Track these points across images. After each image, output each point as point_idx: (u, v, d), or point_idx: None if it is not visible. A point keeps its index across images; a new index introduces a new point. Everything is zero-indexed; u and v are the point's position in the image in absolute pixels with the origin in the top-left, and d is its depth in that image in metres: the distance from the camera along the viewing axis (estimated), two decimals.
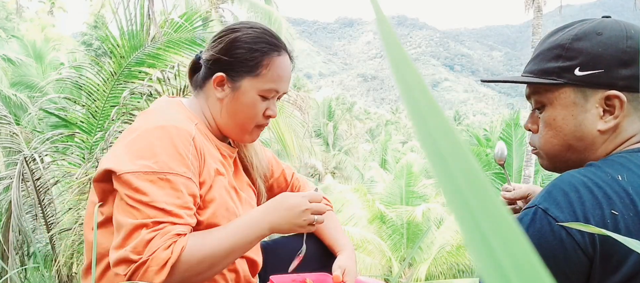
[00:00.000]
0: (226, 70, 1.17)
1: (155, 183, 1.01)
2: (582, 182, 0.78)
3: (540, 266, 0.15)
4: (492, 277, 0.15)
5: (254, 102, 1.18)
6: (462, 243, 9.64)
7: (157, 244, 0.97)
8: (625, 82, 0.83)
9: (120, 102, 3.50)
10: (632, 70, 0.82)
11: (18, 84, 11.04)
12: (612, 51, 0.83)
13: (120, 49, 3.70)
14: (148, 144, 1.05)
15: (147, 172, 1.02)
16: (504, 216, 0.16)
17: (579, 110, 0.86)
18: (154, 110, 1.18)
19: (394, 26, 0.17)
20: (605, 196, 0.76)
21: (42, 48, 13.87)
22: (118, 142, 1.12)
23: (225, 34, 1.20)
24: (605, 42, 0.84)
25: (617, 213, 0.75)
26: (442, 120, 0.17)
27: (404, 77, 0.18)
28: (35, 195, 3.60)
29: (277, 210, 1.12)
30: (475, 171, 0.16)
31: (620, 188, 0.76)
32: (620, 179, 0.77)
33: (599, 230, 0.40)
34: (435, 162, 0.16)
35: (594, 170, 0.80)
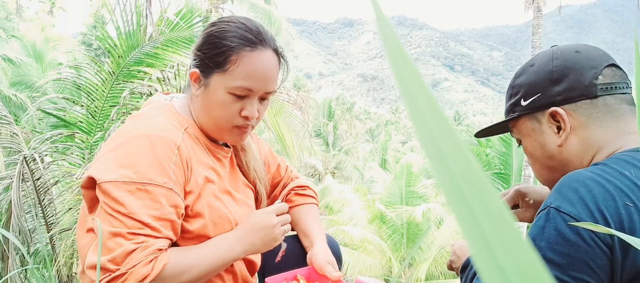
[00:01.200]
0: (199, 65, 1.13)
1: (133, 194, 0.99)
2: (590, 178, 0.80)
3: (540, 265, 0.15)
4: (493, 277, 0.15)
5: (224, 100, 1.11)
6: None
7: (138, 258, 0.96)
8: (562, 96, 0.92)
9: (120, 102, 3.50)
10: (564, 85, 0.92)
11: (18, 84, 11.04)
12: (542, 75, 0.95)
13: (118, 49, 3.69)
14: (129, 152, 1.02)
15: (126, 182, 0.99)
16: (504, 216, 0.16)
17: (538, 134, 0.96)
18: (142, 115, 1.14)
19: (394, 26, 0.17)
20: (617, 189, 0.78)
21: (42, 48, 13.88)
22: (104, 147, 1.10)
23: (206, 28, 1.17)
24: (536, 70, 0.96)
25: (631, 205, 0.76)
26: (442, 120, 0.17)
27: (404, 77, 0.18)
28: (35, 195, 3.60)
29: (250, 234, 1.14)
30: (476, 171, 0.16)
31: (630, 182, 0.78)
32: (628, 174, 0.79)
33: (607, 229, 0.40)
34: (435, 162, 0.16)
35: (601, 167, 0.83)
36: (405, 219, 10.75)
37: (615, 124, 0.89)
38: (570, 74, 0.91)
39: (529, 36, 19.58)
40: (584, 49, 0.94)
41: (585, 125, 0.90)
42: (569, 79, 0.91)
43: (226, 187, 1.20)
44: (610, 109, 0.89)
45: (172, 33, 3.78)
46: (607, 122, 0.89)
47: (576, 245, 0.78)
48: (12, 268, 3.27)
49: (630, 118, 0.90)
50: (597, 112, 0.90)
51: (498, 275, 0.15)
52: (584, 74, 0.90)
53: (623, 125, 0.89)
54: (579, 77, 0.90)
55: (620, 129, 0.89)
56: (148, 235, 0.99)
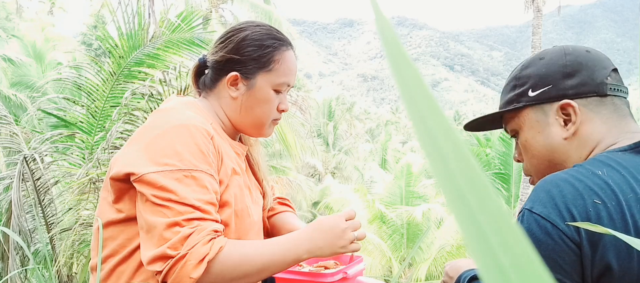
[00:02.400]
0: (239, 69, 1.18)
1: (181, 182, 1.01)
2: (562, 178, 0.84)
3: (540, 265, 0.15)
4: (492, 276, 0.15)
5: (269, 96, 1.20)
6: (462, 243, 9.63)
7: (196, 239, 0.97)
8: (574, 90, 0.94)
9: (121, 103, 3.50)
10: (577, 79, 0.93)
11: (18, 84, 11.04)
12: (554, 68, 0.96)
13: (119, 49, 3.69)
14: (170, 143, 1.05)
15: (172, 170, 1.02)
16: (504, 216, 0.16)
17: (542, 126, 0.97)
18: (170, 109, 1.17)
19: (394, 26, 0.17)
20: (587, 187, 0.81)
21: (42, 48, 13.88)
22: (134, 141, 1.10)
23: (233, 34, 1.21)
24: (547, 63, 0.97)
25: (599, 203, 0.79)
26: (442, 120, 0.17)
27: (404, 77, 0.18)
28: (35, 195, 3.60)
29: (316, 235, 1.11)
30: (475, 171, 0.16)
31: (601, 181, 0.81)
32: (600, 174, 0.82)
33: (605, 229, 0.41)
34: (435, 162, 0.16)
35: (576, 168, 0.86)
36: (405, 219, 10.76)
37: (618, 122, 0.92)
38: (583, 70, 0.93)
39: (529, 36, 19.56)
40: (593, 51, 0.97)
41: (591, 120, 0.93)
42: (581, 74, 0.93)
43: (247, 182, 1.25)
44: (616, 108, 0.92)
45: (174, 34, 3.79)
46: (612, 119, 0.92)
47: (545, 244, 0.81)
48: (13, 268, 3.27)
49: (630, 120, 0.92)
50: (604, 109, 0.92)
51: (498, 275, 0.15)
52: (596, 72, 0.93)
53: (624, 124, 0.92)
54: (591, 74, 0.93)
55: (621, 127, 0.92)
56: (201, 219, 1.00)
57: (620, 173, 0.82)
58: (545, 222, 0.81)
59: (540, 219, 0.81)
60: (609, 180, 0.81)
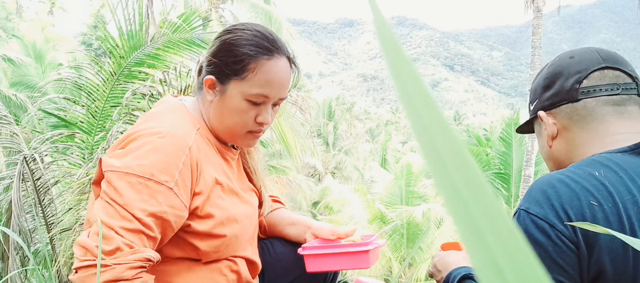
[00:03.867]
0: (215, 72, 1.14)
1: (132, 186, 1.00)
2: (558, 179, 0.84)
3: (537, 265, 0.15)
4: (489, 276, 0.15)
5: (240, 107, 1.14)
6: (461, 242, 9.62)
7: (126, 259, 0.95)
8: (549, 101, 0.97)
9: (122, 103, 3.50)
10: (552, 90, 0.97)
11: (18, 84, 11.04)
12: (539, 81, 1.01)
13: (120, 49, 3.70)
14: (138, 147, 1.04)
15: (128, 173, 1.01)
16: (502, 215, 0.16)
17: (541, 136, 1.02)
18: (156, 114, 1.15)
19: (393, 26, 0.17)
20: (583, 189, 0.81)
21: (42, 48, 13.88)
22: (118, 142, 1.12)
23: (220, 35, 1.17)
24: (537, 76, 1.03)
25: (595, 204, 0.79)
26: (440, 120, 0.17)
27: (402, 78, 0.18)
28: (35, 195, 3.60)
29: None
30: (474, 171, 0.16)
31: (598, 183, 0.81)
32: (597, 175, 0.82)
33: (605, 230, 0.41)
34: (433, 163, 0.16)
35: (572, 168, 0.86)
36: (405, 219, 10.76)
37: (595, 125, 0.91)
38: (557, 80, 0.96)
39: (529, 36, 19.58)
40: (578, 54, 0.96)
41: (568, 127, 0.94)
42: (556, 84, 0.96)
43: (234, 187, 1.21)
44: (589, 111, 0.91)
45: (174, 35, 3.79)
46: (587, 123, 0.92)
47: (543, 245, 0.81)
48: (13, 269, 3.27)
49: (613, 119, 0.90)
50: (576, 115, 0.93)
51: (495, 275, 0.15)
52: (569, 79, 0.94)
53: (603, 127, 0.90)
54: (564, 82, 0.94)
55: (600, 130, 0.90)
56: (138, 231, 0.98)
57: (618, 174, 0.82)
58: (542, 222, 0.81)
59: (537, 220, 0.81)
60: (606, 182, 0.81)
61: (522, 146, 12.14)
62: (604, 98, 0.91)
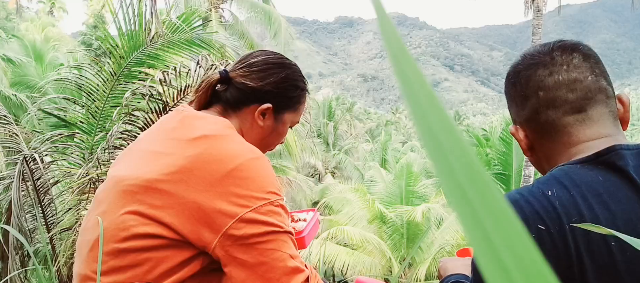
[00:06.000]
0: (274, 102, 1.20)
1: (278, 213, 1.01)
2: (514, 200, 0.81)
3: (542, 263, 0.15)
4: (495, 275, 0.15)
5: (285, 131, 1.27)
6: (463, 243, 9.63)
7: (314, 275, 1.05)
8: (515, 115, 0.94)
9: (122, 103, 3.50)
10: (517, 104, 0.93)
11: (18, 84, 11.05)
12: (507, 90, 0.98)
13: (120, 49, 3.70)
14: (256, 176, 1.01)
15: (272, 201, 1.00)
16: (506, 213, 0.16)
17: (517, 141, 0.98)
18: (228, 136, 1.08)
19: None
20: (533, 211, 0.78)
21: (42, 48, 13.88)
22: (203, 181, 0.98)
23: (271, 68, 1.20)
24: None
25: (543, 228, 0.77)
26: (445, 118, 0.17)
27: (406, 75, 0.18)
28: (35, 195, 3.60)
29: None
30: (478, 170, 0.16)
31: (548, 204, 0.79)
32: (549, 194, 0.79)
33: (606, 230, 0.41)
34: (437, 161, 0.16)
35: (531, 186, 0.84)
36: (405, 219, 10.75)
37: (559, 137, 0.87)
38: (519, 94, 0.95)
39: (529, 36, 19.53)
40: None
41: (538, 140, 0.91)
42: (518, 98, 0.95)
43: None
44: (552, 123, 0.87)
45: (174, 35, 3.79)
46: (552, 136, 0.88)
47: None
48: (13, 269, 3.27)
49: (575, 129, 0.86)
50: (540, 127, 0.89)
51: (500, 273, 0.15)
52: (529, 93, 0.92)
53: (567, 138, 0.87)
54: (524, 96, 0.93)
55: (566, 142, 0.87)
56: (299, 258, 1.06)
57: (570, 192, 0.79)
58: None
59: None
60: (556, 203, 0.78)
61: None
62: (564, 107, 0.86)
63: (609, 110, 0.86)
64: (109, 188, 1.06)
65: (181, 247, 0.98)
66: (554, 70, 0.87)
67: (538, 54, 0.90)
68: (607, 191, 0.78)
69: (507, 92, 0.96)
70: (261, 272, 0.97)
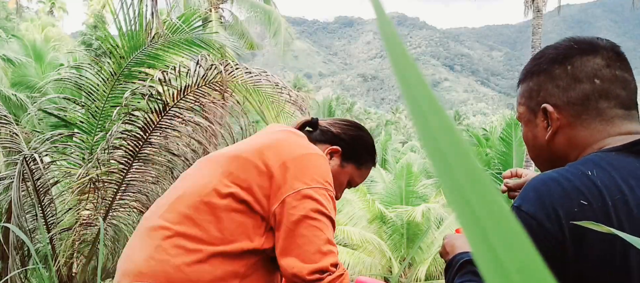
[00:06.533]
0: (344, 149, 1.40)
1: (327, 199, 1.19)
2: (552, 177, 0.84)
3: (541, 263, 0.15)
4: (494, 275, 0.15)
5: (343, 182, 1.43)
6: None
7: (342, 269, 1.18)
8: (558, 96, 0.94)
9: (122, 103, 3.50)
10: (562, 85, 0.93)
11: (18, 84, 11.04)
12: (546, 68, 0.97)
13: (120, 49, 3.69)
14: (320, 167, 1.22)
15: (325, 188, 1.20)
16: (506, 214, 0.16)
17: (532, 125, 0.98)
18: (305, 139, 1.32)
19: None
20: (575, 188, 0.81)
21: (42, 48, 13.88)
22: (278, 155, 1.20)
23: (354, 128, 1.46)
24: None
25: (586, 204, 0.79)
26: (443, 117, 0.17)
27: (405, 76, 0.18)
28: (35, 195, 3.60)
29: None
30: (477, 170, 0.16)
31: (590, 182, 0.81)
32: (590, 174, 0.82)
33: (610, 229, 0.41)
34: (437, 161, 0.16)
35: (568, 167, 0.86)
36: (405, 219, 10.75)
37: (602, 127, 0.90)
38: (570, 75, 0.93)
39: (529, 36, 19.59)
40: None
41: (572, 125, 0.92)
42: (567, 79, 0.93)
43: None
44: (600, 112, 0.90)
45: (174, 35, 3.79)
46: (594, 124, 0.90)
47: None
48: (13, 268, 3.27)
49: (620, 122, 0.89)
50: (586, 114, 0.91)
51: (499, 274, 0.15)
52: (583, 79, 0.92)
53: (609, 128, 0.89)
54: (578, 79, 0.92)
55: (606, 132, 0.89)
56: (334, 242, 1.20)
57: (610, 174, 0.82)
58: (531, 220, 0.81)
59: (526, 217, 0.82)
60: (598, 181, 0.81)
61: (522, 146, 12.14)
62: (614, 100, 0.90)
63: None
64: (204, 159, 1.30)
65: (253, 213, 1.15)
66: (611, 64, 0.90)
67: (592, 44, 0.93)
68: None
69: (544, 70, 0.95)
70: (301, 243, 1.12)
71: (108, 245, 3.81)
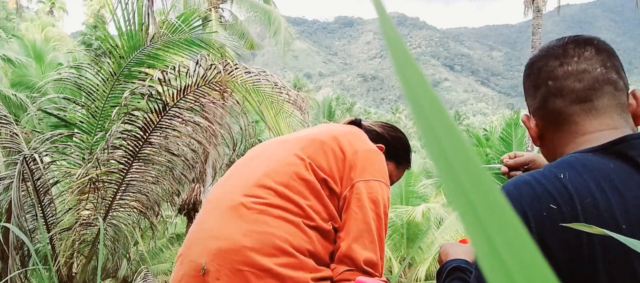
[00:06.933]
0: (387, 148, 1.49)
1: (385, 192, 1.29)
2: (525, 181, 0.84)
3: (543, 262, 0.15)
4: (496, 275, 0.15)
5: (392, 182, 1.50)
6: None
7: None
8: (529, 105, 0.97)
9: (121, 103, 3.50)
10: (529, 94, 0.96)
11: (18, 84, 11.04)
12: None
13: (120, 49, 3.69)
14: (384, 165, 1.34)
15: (387, 185, 1.32)
16: (507, 214, 0.16)
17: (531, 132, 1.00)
18: (366, 139, 1.41)
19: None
20: (546, 191, 0.80)
21: (42, 48, 13.87)
22: (351, 145, 1.30)
23: (394, 130, 1.59)
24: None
25: (555, 207, 0.79)
26: (445, 117, 0.17)
27: (407, 74, 0.18)
28: (35, 195, 3.60)
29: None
30: (478, 169, 0.16)
31: (561, 185, 0.81)
32: (562, 177, 0.82)
33: (602, 230, 0.41)
34: (438, 161, 0.16)
35: (543, 170, 0.86)
36: (405, 219, 10.75)
37: (567, 127, 0.89)
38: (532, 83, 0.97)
39: (529, 36, 19.59)
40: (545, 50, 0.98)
41: (547, 130, 0.93)
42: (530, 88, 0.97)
43: None
44: (560, 113, 0.89)
45: (174, 35, 3.79)
46: (562, 127, 0.90)
47: None
48: (13, 269, 3.27)
49: (582, 120, 0.88)
50: (549, 117, 0.92)
51: (502, 274, 0.15)
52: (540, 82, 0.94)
53: (574, 128, 0.89)
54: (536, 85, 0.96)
55: (572, 133, 0.89)
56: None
57: (582, 176, 0.81)
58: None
59: None
60: (569, 185, 0.80)
61: (522, 146, 12.14)
62: (571, 96, 0.88)
63: (617, 102, 0.87)
64: (274, 141, 1.40)
65: (335, 197, 1.25)
66: (565, 61, 0.89)
67: (552, 47, 0.93)
68: (619, 178, 0.80)
69: (523, 83, 0.99)
70: (359, 230, 1.21)
71: (108, 245, 3.81)
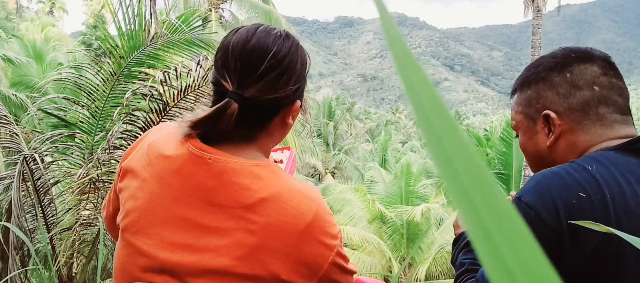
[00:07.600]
0: (301, 95, 1.25)
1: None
2: (553, 171, 0.87)
3: (545, 262, 0.15)
4: (498, 274, 0.15)
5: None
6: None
7: None
8: (559, 103, 0.98)
9: (122, 103, 3.50)
10: (562, 92, 0.97)
11: (18, 84, 11.05)
12: (544, 77, 1.01)
13: (120, 49, 3.70)
14: (326, 222, 1.03)
15: (340, 243, 1.08)
16: (510, 214, 0.16)
17: (531, 133, 1.00)
18: (280, 188, 1.07)
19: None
20: (575, 181, 0.84)
21: (42, 48, 13.88)
22: (279, 252, 0.91)
23: (289, 59, 1.01)
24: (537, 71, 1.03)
25: (584, 196, 0.83)
26: (447, 117, 0.17)
27: (408, 74, 0.18)
28: (35, 195, 3.60)
29: None
30: (480, 169, 0.16)
31: (589, 176, 0.85)
32: (590, 169, 0.86)
33: (605, 228, 0.41)
34: (439, 160, 0.16)
35: (570, 163, 0.90)
36: (405, 219, 10.75)
37: (602, 131, 0.93)
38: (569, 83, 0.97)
39: (529, 36, 19.63)
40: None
41: (573, 130, 0.95)
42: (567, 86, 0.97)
43: None
44: (600, 117, 0.93)
45: (174, 35, 3.79)
46: (595, 128, 0.94)
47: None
48: (13, 269, 3.27)
49: (619, 126, 0.94)
50: (587, 119, 0.94)
51: (503, 273, 0.15)
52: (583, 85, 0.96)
53: (609, 132, 0.93)
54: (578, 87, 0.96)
55: (605, 135, 0.93)
56: None
57: (609, 169, 0.85)
58: (530, 210, 0.84)
59: (526, 208, 0.85)
60: (597, 175, 0.84)
61: None
62: (614, 106, 0.94)
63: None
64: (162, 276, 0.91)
65: None
66: (607, 72, 0.95)
67: (588, 53, 0.97)
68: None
69: (542, 78, 0.99)
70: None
71: (108, 245, 3.81)
